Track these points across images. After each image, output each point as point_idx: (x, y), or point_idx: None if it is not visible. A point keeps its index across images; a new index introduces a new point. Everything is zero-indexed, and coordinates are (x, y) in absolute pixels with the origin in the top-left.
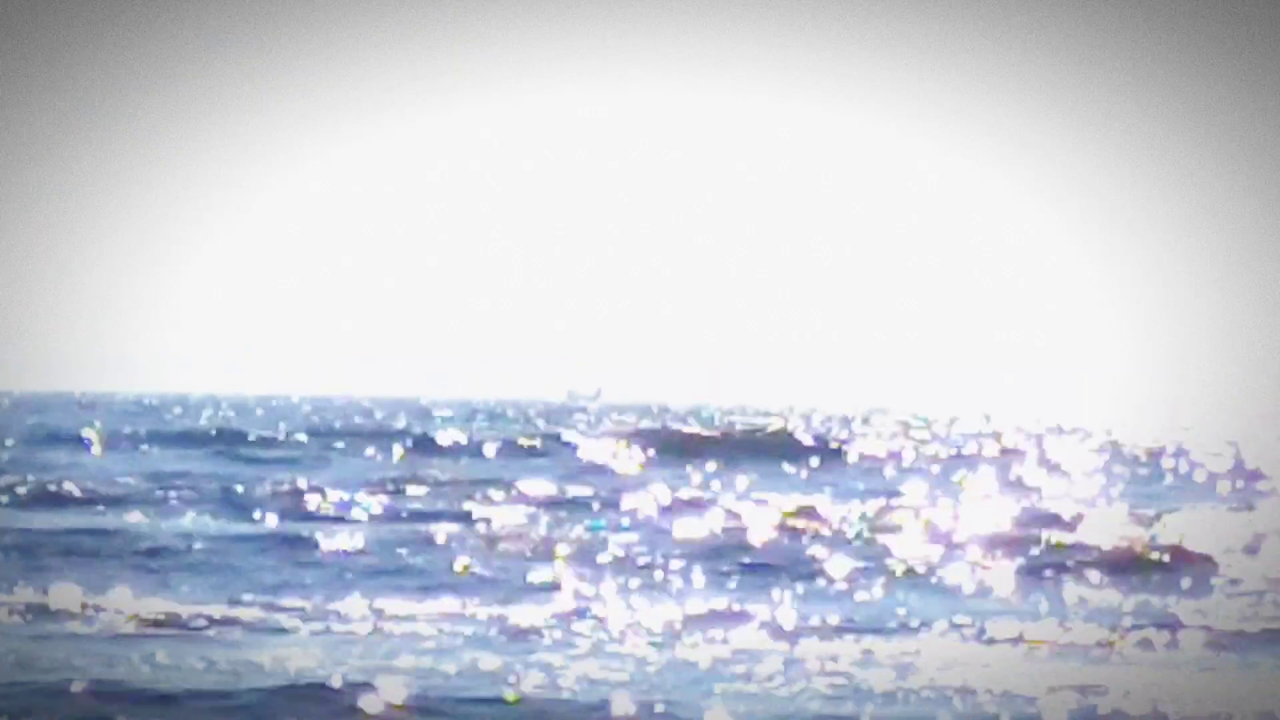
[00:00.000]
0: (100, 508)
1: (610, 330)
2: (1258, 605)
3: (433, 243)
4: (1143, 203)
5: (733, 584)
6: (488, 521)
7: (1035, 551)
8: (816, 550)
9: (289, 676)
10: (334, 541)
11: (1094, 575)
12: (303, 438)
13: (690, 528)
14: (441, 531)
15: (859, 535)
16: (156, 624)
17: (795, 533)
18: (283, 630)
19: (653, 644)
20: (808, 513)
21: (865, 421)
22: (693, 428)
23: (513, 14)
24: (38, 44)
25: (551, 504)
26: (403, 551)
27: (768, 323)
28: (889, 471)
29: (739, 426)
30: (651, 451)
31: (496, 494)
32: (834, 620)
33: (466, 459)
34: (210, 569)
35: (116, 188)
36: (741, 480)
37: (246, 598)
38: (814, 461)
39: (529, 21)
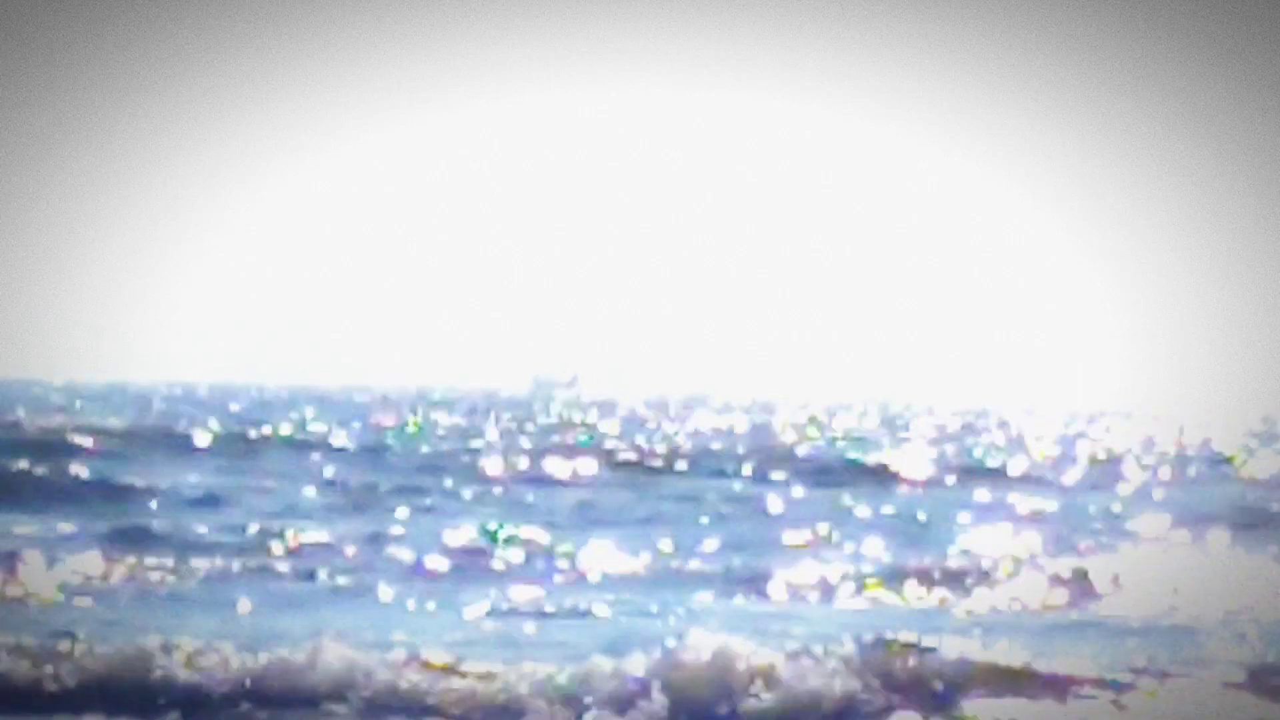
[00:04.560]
0: None
1: (590, 310)
2: None
3: (402, 229)
4: (1143, 202)
5: None
6: None
7: None
8: None
9: None
10: None
11: None
12: None
13: None
14: None
15: None
16: None
17: None
18: None
19: None
20: None
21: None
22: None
23: (498, 13)
24: (46, 42)
25: None
26: None
27: (761, 312)
28: None
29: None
30: None
31: None
32: None
33: None
34: None
35: (114, 188)
36: None
37: None
38: None
39: (508, 18)
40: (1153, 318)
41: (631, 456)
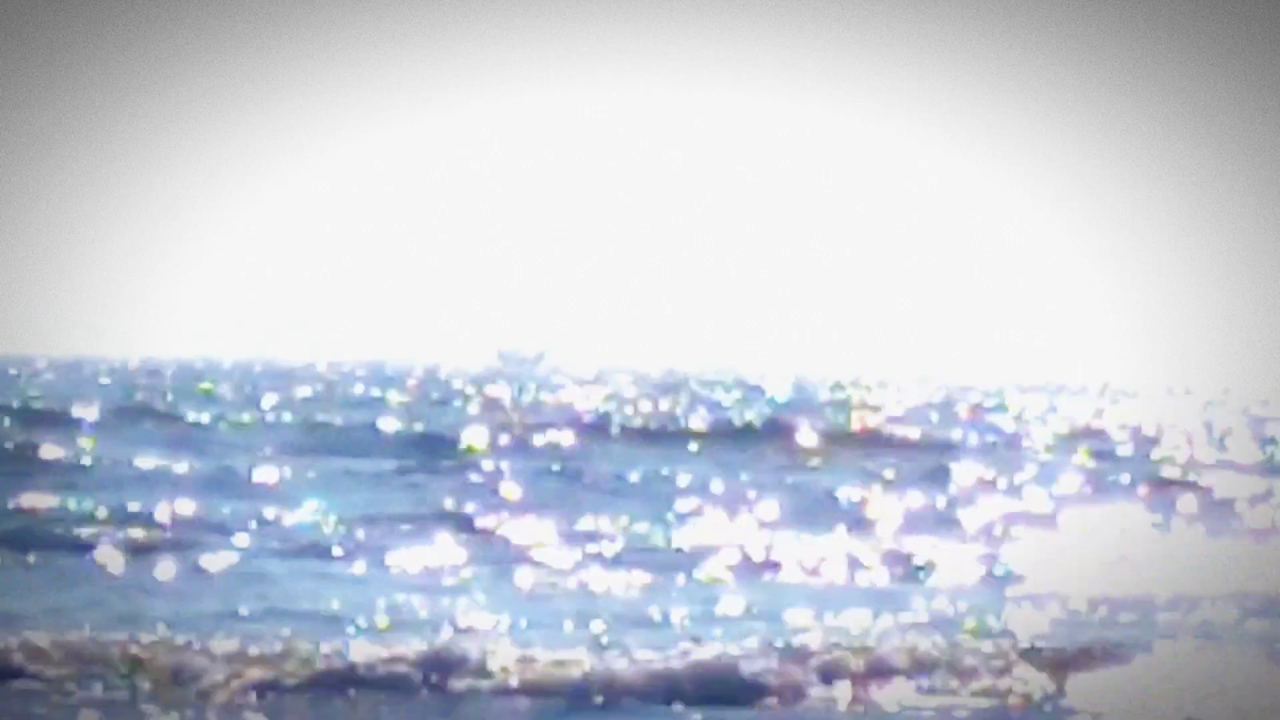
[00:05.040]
0: None
1: (561, 282)
2: None
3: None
4: (1143, 202)
5: None
6: None
7: None
8: None
9: None
10: None
11: None
12: None
13: None
14: None
15: None
16: None
17: None
18: None
19: None
20: None
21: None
22: None
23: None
24: (46, 42)
25: None
26: None
27: (759, 312)
28: None
29: None
30: None
31: None
32: None
33: None
34: None
35: (114, 188)
36: None
37: None
38: None
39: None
40: (1152, 317)
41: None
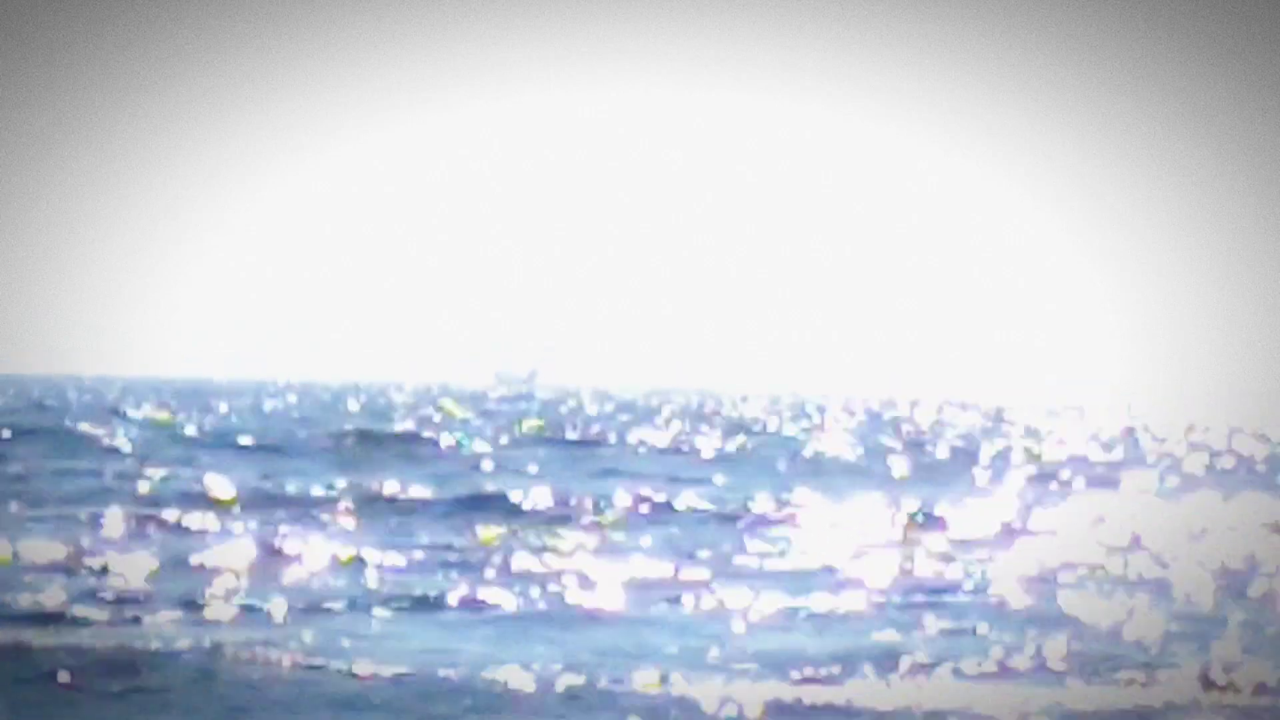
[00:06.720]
0: None
1: (551, 304)
2: None
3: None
4: (1143, 202)
5: None
6: None
7: None
8: None
9: None
10: None
11: None
12: None
13: None
14: None
15: None
16: None
17: None
18: None
19: None
20: None
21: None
22: None
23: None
24: (46, 42)
25: None
26: None
27: (759, 311)
28: None
29: None
30: None
31: None
32: None
33: None
34: None
35: (114, 188)
36: None
37: None
38: None
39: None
40: (1152, 317)
41: None
